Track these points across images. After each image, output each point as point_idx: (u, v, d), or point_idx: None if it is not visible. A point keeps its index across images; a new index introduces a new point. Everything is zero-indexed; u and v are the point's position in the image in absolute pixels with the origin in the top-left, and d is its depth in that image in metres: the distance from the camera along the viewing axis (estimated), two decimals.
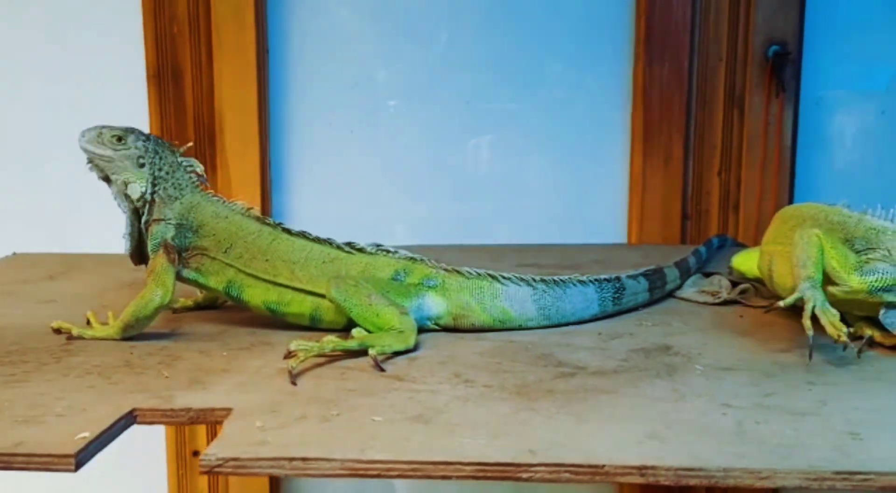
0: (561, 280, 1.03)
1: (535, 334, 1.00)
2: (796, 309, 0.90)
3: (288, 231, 1.04)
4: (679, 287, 1.18)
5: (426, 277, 1.01)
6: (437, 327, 1.01)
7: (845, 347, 0.87)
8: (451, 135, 1.75)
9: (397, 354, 0.92)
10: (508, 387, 0.82)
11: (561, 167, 1.77)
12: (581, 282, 1.04)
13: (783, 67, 1.67)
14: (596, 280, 1.05)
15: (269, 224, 1.04)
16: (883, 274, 0.90)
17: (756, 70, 1.68)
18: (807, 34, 1.68)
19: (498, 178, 1.76)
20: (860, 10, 1.71)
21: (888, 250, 0.91)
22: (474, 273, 1.02)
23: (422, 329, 0.99)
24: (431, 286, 1.00)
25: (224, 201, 1.06)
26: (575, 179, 1.77)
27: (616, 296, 1.06)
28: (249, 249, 1.02)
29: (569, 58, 1.73)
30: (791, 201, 1.76)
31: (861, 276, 0.90)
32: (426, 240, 1.64)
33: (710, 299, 1.12)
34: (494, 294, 1.01)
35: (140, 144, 1.02)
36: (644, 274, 1.11)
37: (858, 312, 0.94)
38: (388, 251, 1.03)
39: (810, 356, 0.86)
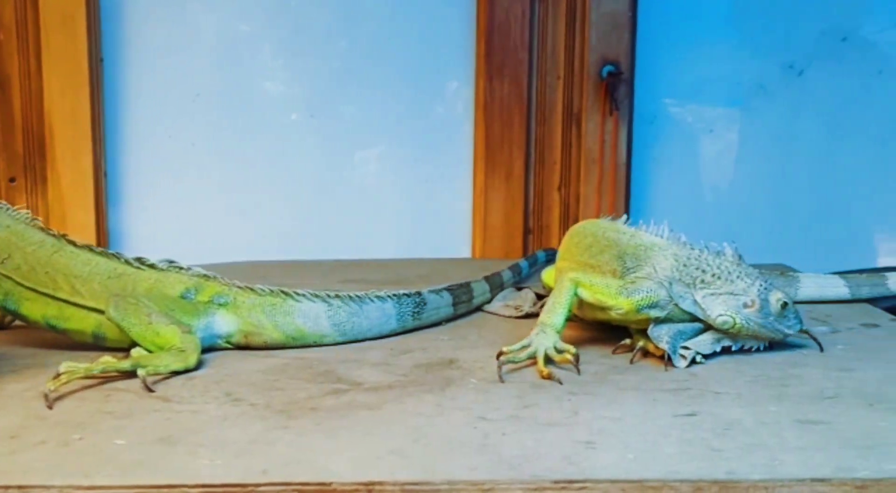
0: (357, 296, 1.03)
1: (328, 350, 0.99)
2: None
3: (73, 243, 1.00)
4: (490, 301, 1.20)
5: (217, 294, 0.99)
6: (228, 346, 0.99)
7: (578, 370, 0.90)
8: (292, 148, 1.74)
9: (176, 373, 0.89)
10: (274, 405, 0.81)
11: (407, 183, 1.78)
12: (379, 297, 1.04)
13: (617, 87, 1.73)
14: (395, 295, 1.05)
15: (52, 235, 1.00)
16: (648, 293, 0.93)
17: (591, 89, 1.73)
18: (639, 54, 1.74)
19: (341, 193, 1.75)
20: (691, 32, 1.78)
21: (653, 267, 0.95)
22: (267, 290, 1.00)
23: (213, 348, 0.97)
24: (222, 304, 0.98)
25: (6, 209, 1.02)
26: (421, 194, 1.78)
27: (416, 311, 1.07)
28: (28, 260, 0.98)
29: (415, 72, 1.75)
30: (628, 217, 1.82)
31: (627, 297, 0.93)
32: (263, 256, 1.61)
33: (513, 312, 1.14)
34: (287, 311, 0.99)
35: None
36: (448, 289, 1.12)
37: (636, 326, 0.97)
38: (181, 268, 1.01)
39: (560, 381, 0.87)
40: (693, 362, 0.92)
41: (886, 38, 1.80)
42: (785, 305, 0.92)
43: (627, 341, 0.97)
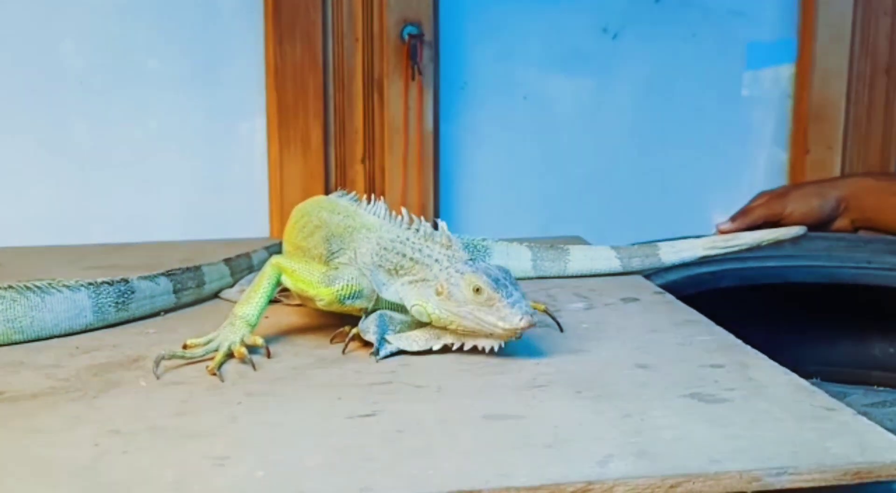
0: (38, 286, 0.88)
1: None
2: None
3: None
4: (232, 286, 1.07)
5: None
6: None
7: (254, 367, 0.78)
8: (58, 119, 1.54)
9: None
10: None
11: (192, 156, 1.61)
12: (69, 287, 0.89)
13: (419, 50, 1.61)
14: (91, 284, 0.91)
15: None
16: (348, 281, 0.81)
17: (392, 52, 1.60)
18: (443, 15, 1.62)
19: (116, 169, 1.57)
20: None
21: (354, 252, 0.83)
22: None
23: None
24: None
25: None
26: (210, 169, 1.62)
27: (120, 301, 0.92)
28: None
29: (199, 33, 1.58)
30: (436, 189, 1.72)
31: (328, 285, 0.82)
32: (12, 241, 1.42)
33: None
34: None
35: None
36: (166, 274, 0.98)
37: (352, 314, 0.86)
38: None
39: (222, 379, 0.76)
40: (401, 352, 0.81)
41: (699, 1, 1.74)
42: (478, 290, 0.78)
43: (347, 328, 0.85)
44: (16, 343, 0.86)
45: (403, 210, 0.88)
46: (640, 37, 1.73)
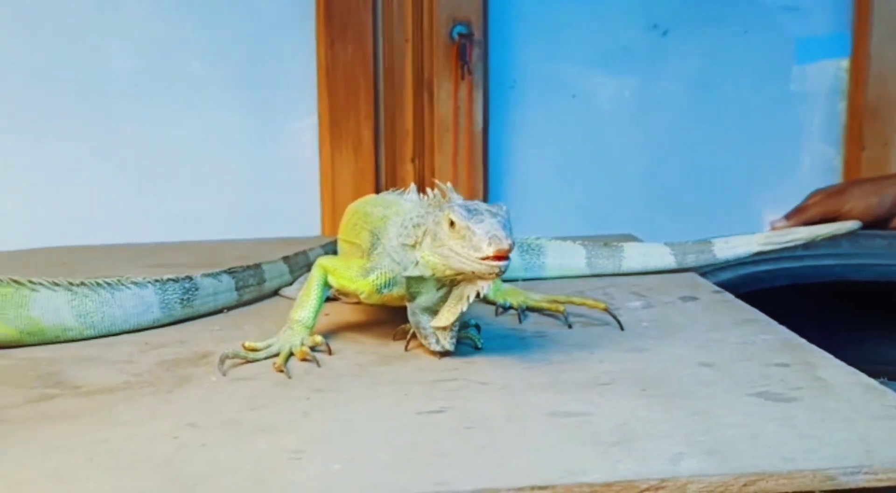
0: (108, 282, 0.90)
1: (69, 347, 0.86)
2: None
3: None
4: (291, 283, 1.09)
5: None
6: None
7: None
8: (113, 121, 1.58)
9: None
10: None
11: (245, 156, 1.64)
12: (137, 283, 0.92)
13: (469, 49, 1.62)
14: (157, 281, 0.93)
15: None
16: (382, 269, 0.81)
17: (442, 52, 1.61)
18: (492, 14, 1.63)
19: (173, 170, 1.61)
20: None
21: (386, 239, 0.83)
22: None
23: None
24: None
25: None
26: (262, 169, 1.65)
27: (185, 298, 0.94)
28: None
29: (251, 35, 1.61)
30: (486, 188, 1.72)
31: (365, 278, 0.82)
32: (74, 239, 1.46)
33: None
34: (20, 303, 0.86)
35: None
36: (229, 271, 1.00)
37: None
38: None
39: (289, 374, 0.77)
40: (460, 342, 0.81)
41: None
42: (452, 223, 0.73)
43: (407, 325, 0.86)
44: (88, 338, 0.89)
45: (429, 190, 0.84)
46: (690, 33, 1.72)
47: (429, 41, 1.61)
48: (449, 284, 0.78)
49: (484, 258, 0.71)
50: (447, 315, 0.78)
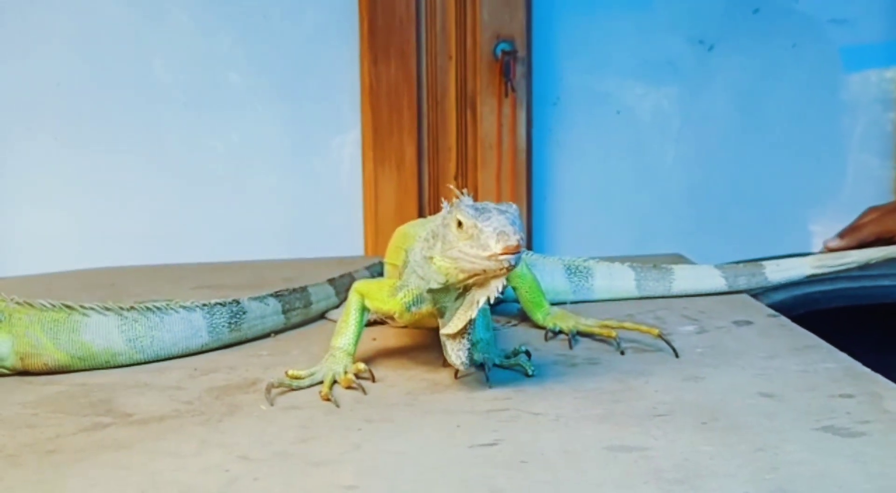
0: (157, 307, 0.91)
1: (119, 372, 0.87)
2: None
3: None
4: (338, 306, 1.08)
5: None
6: (6, 371, 0.86)
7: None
8: (159, 141, 1.60)
9: None
10: (7, 448, 0.69)
11: (289, 174, 1.65)
12: (185, 307, 0.92)
13: (512, 66, 1.61)
14: (205, 305, 0.93)
15: None
16: (408, 287, 0.80)
17: (485, 69, 1.61)
18: (536, 31, 1.62)
19: (216, 189, 1.62)
20: (591, 5, 1.67)
21: (411, 257, 0.82)
22: (49, 305, 0.88)
23: None
24: None
25: None
26: (306, 187, 1.66)
27: (233, 321, 0.94)
28: None
29: (295, 54, 1.62)
30: (529, 205, 1.70)
31: (394, 297, 0.81)
32: (125, 260, 1.47)
33: None
34: (73, 328, 0.87)
35: None
36: (275, 295, 1.00)
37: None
38: None
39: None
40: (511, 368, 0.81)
41: (800, 9, 1.69)
42: (460, 223, 0.71)
43: None
44: (138, 363, 0.89)
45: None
46: (737, 47, 1.69)
47: (472, 58, 1.61)
48: (463, 291, 0.76)
49: (492, 256, 0.70)
50: (456, 322, 0.76)
